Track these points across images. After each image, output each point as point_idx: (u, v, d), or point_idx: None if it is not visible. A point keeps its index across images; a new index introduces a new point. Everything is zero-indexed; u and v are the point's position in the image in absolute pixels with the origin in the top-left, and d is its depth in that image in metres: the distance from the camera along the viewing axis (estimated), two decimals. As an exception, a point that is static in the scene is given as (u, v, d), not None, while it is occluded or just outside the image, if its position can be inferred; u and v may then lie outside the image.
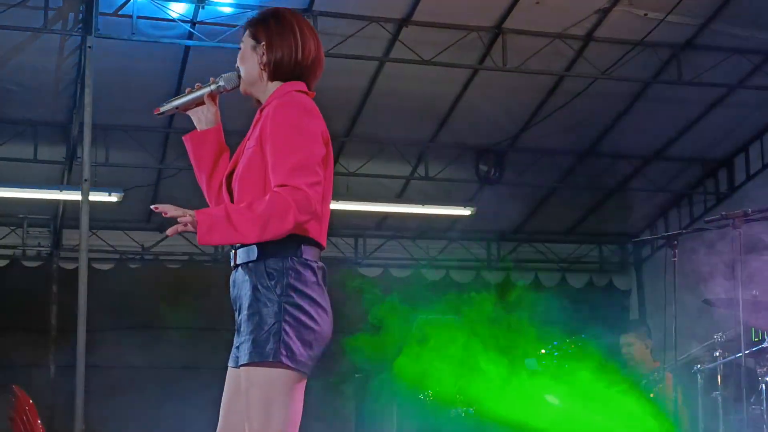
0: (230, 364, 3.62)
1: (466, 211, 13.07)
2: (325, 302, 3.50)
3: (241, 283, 3.52)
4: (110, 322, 13.46)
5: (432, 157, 12.70)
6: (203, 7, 9.79)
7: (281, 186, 3.37)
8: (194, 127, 3.83)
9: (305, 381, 3.47)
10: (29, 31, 9.75)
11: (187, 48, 10.33)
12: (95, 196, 10.61)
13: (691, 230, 8.01)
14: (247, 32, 3.71)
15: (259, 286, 3.44)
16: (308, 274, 3.46)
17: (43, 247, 13.26)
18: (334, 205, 3.36)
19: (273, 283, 3.43)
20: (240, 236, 3.35)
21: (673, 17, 10.43)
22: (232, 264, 3.57)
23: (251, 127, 3.65)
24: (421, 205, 12.94)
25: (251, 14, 3.87)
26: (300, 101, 3.55)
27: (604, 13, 10.44)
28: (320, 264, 3.53)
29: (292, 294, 3.42)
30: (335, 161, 11.33)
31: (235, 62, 3.75)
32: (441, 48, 10.53)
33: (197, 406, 12.01)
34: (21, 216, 12.95)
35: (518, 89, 11.55)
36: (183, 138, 3.86)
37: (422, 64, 10.67)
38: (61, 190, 11.74)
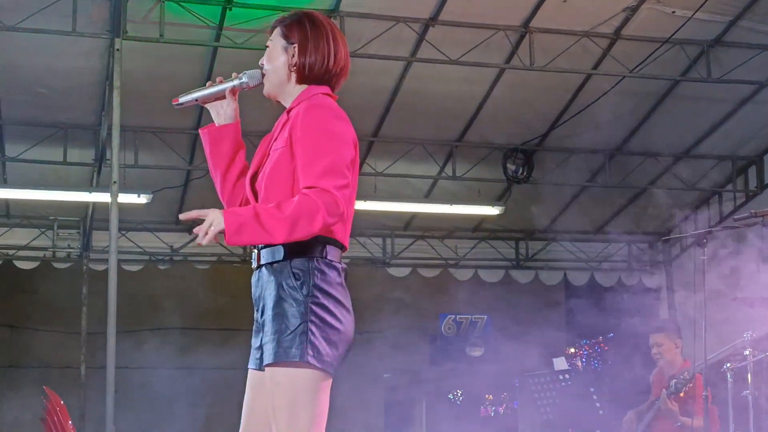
0: (251, 366, 3.61)
1: (494, 211, 13.04)
2: (348, 303, 3.50)
3: (265, 283, 3.50)
4: (140, 323, 13.55)
5: (460, 156, 12.67)
6: (230, 9, 9.81)
7: (310, 188, 3.35)
8: (212, 121, 3.80)
9: (331, 381, 3.45)
10: (58, 34, 9.79)
11: (215, 49, 10.36)
12: (124, 198, 10.66)
13: (721, 228, 7.99)
14: (279, 31, 3.66)
15: (285, 286, 3.42)
16: (333, 275, 3.45)
17: (72, 248, 13.32)
18: (363, 206, 3.36)
19: (299, 283, 3.41)
20: (268, 237, 3.31)
21: (701, 14, 10.37)
22: (255, 264, 3.56)
23: (278, 128, 3.62)
24: (449, 205, 12.91)
25: (279, 15, 3.81)
26: (330, 105, 3.53)
27: (632, 11, 10.40)
28: (343, 265, 3.52)
29: (318, 294, 3.41)
30: (363, 162, 11.26)
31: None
32: (468, 47, 10.51)
33: (223, 408, 12.09)
34: (51, 218, 13.03)
35: (546, 88, 11.51)
36: (200, 131, 3.82)
37: (449, 64, 10.65)
38: (90, 192, 11.82)
